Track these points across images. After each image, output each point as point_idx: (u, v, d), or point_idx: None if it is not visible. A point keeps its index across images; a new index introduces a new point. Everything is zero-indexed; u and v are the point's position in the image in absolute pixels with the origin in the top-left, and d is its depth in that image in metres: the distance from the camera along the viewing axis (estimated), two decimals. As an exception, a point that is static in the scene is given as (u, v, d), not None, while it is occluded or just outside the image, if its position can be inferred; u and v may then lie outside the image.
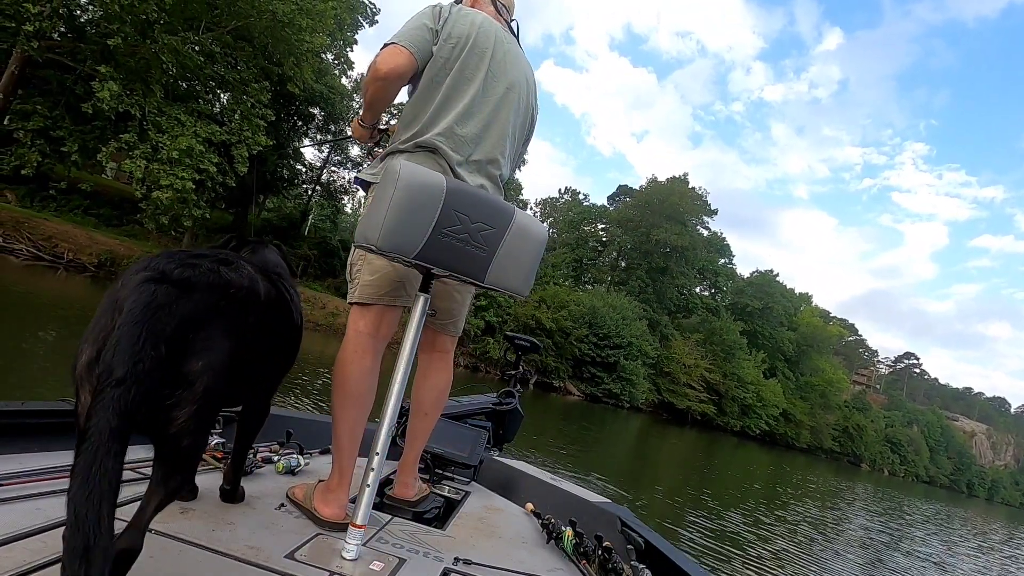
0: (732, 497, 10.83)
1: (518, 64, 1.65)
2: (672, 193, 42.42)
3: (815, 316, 60.79)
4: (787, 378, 49.76)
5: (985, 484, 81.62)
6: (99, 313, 0.83)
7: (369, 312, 1.51)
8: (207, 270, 0.91)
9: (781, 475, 20.70)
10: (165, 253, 0.91)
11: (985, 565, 11.84)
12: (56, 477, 1.23)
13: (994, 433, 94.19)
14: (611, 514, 1.86)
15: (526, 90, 1.68)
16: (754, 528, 8.05)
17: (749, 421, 42.91)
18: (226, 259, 0.99)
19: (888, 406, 72.26)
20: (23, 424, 1.39)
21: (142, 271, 0.86)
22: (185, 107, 16.94)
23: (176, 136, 15.85)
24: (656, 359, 36.55)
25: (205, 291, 0.88)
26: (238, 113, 18.16)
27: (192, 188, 16.11)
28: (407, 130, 1.55)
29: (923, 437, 72.45)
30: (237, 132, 17.57)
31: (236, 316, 0.94)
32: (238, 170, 17.89)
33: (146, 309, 0.80)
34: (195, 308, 0.86)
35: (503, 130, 1.61)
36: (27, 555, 0.92)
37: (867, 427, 60.30)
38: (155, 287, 0.83)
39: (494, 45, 1.58)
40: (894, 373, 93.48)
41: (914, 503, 25.43)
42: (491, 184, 1.63)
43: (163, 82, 16.19)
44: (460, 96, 1.53)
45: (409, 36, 1.50)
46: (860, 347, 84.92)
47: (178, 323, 0.83)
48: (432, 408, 1.71)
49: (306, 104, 28.82)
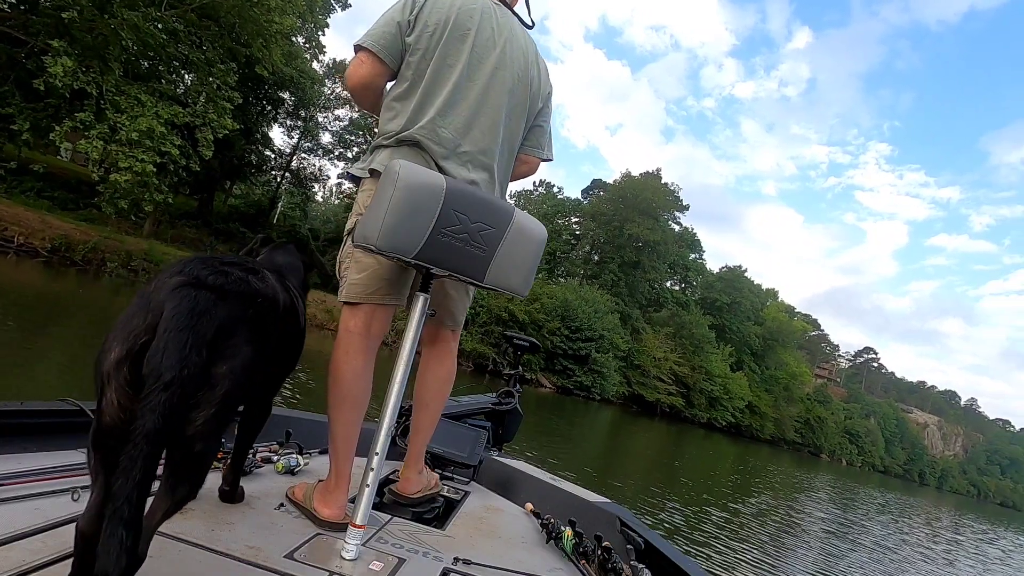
0: (701, 487, 11.02)
1: (511, 40, 1.53)
2: (645, 188, 42.81)
3: (781, 311, 62.64)
4: (753, 371, 51.03)
5: (936, 473, 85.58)
6: (130, 313, 0.84)
7: (359, 311, 1.47)
8: (238, 279, 0.94)
9: (747, 467, 21.22)
10: (197, 258, 0.94)
11: (933, 551, 12.35)
12: (56, 477, 1.23)
13: (945, 425, 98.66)
14: (611, 514, 1.87)
15: (523, 65, 1.55)
16: (723, 519, 8.19)
17: (716, 413, 43.88)
18: (253, 268, 1.03)
19: (848, 399, 74.96)
20: (23, 424, 1.40)
21: (177, 275, 0.88)
22: (146, 87, 16.23)
23: (136, 117, 15.17)
24: (627, 352, 36.97)
25: (236, 300, 0.91)
26: (203, 95, 17.51)
27: (153, 172, 15.48)
28: (389, 124, 1.48)
29: (879, 429, 75.60)
30: (202, 115, 16.93)
31: (259, 325, 0.97)
32: (202, 154, 17.24)
33: (191, 315, 0.83)
34: (227, 315, 0.88)
35: (494, 116, 1.51)
36: (27, 555, 0.92)
37: (828, 419, 62.45)
38: (195, 292, 0.85)
39: (479, 23, 1.48)
40: (854, 367, 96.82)
41: (870, 493, 26.40)
42: (485, 176, 1.54)
43: (122, 60, 15.45)
44: (442, 85, 1.45)
45: (375, 36, 1.45)
46: (823, 342, 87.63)
47: (216, 329, 0.85)
48: (433, 399, 1.68)
49: (275, 88, 27.98)
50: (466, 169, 1.49)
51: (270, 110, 31.07)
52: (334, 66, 34.49)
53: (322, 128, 35.85)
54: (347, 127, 35.82)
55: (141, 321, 0.82)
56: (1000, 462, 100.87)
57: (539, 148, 1.73)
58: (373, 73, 1.47)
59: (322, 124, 35.78)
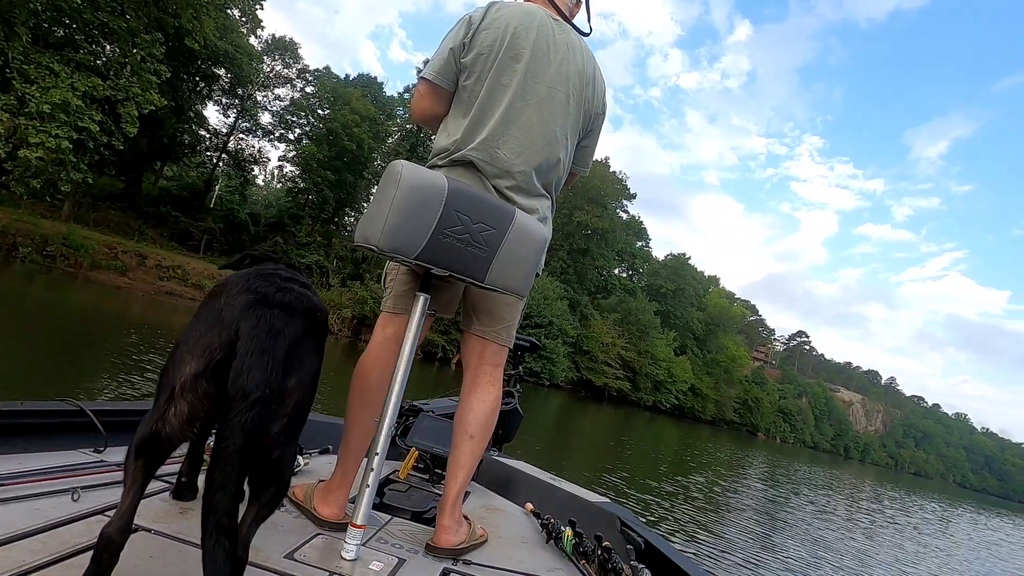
0: (648, 467, 11.33)
1: (568, 57, 1.53)
2: (594, 176, 43.31)
3: (722, 297, 65.43)
4: (696, 355, 53.12)
5: (859, 448, 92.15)
6: (201, 328, 0.89)
7: (401, 321, 1.48)
8: (300, 295, 0.99)
9: (688, 447, 22.04)
10: (257, 273, 0.99)
11: (856, 518, 13.23)
12: (56, 477, 1.22)
13: (867, 402, 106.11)
14: (611, 514, 1.88)
15: (578, 83, 1.54)
16: (669, 492, 8.43)
17: (661, 396, 45.46)
18: (305, 282, 1.07)
19: (782, 380, 79.25)
20: (23, 424, 1.40)
21: (245, 292, 0.92)
22: (60, 56, 14.92)
23: (48, 88, 13.96)
24: (576, 338, 37.59)
25: (301, 316, 0.96)
26: (128, 67, 16.25)
27: (70, 148, 14.32)
28: (442, 143, 1.51)
29: (810, 408, 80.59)
30: (125, 88, 15.74)
31: (319, 336, 1.03)
32: (127, 131, 16.07)
33: (269, 335, 0.88)
34: (297, 332, 0.94)
35: (547, 135, 1.51)
36: (27, 555, 0.92)
37: (764, 399, 66.04)
38: (269, 312, 0.91)
39: (534, 42, 1.49)
40: (788, 350, 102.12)
41: (801, 467, 28.04)
42: (539, 198, 1.55)
43: (30, 24, 14.12)
44: (496, 106, 1.47)
45: (434, 67, 1.50)
46: (760, 326, 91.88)
47: (289, 346, 0.91)
48: (479, 429, 1.51)
49: (209, 63, 26.45)
50: (518, 194, 1.49)
51: (203, 87, 29.37)
52: (273, 42, 32.89)
53: (261, 108, 34.19)
54: (288, 107, 34.31)
55: (216, 338, 0.87)
56: (915, 435, 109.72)
57: (583, 166, 1.75)
58: (433, 104, 1.53)
59: (261, 103, 34.13)
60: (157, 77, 16.61)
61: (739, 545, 6.76)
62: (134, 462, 0.87)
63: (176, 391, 0.85)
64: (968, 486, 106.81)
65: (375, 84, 39.93)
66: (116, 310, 14.62)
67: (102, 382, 5.90)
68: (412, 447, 2.08)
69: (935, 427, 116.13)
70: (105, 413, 1.54)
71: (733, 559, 6.02)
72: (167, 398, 0.86)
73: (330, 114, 33.15)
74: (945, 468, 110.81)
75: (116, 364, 6.82)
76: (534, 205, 1.52)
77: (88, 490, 1.18)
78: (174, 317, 16.90)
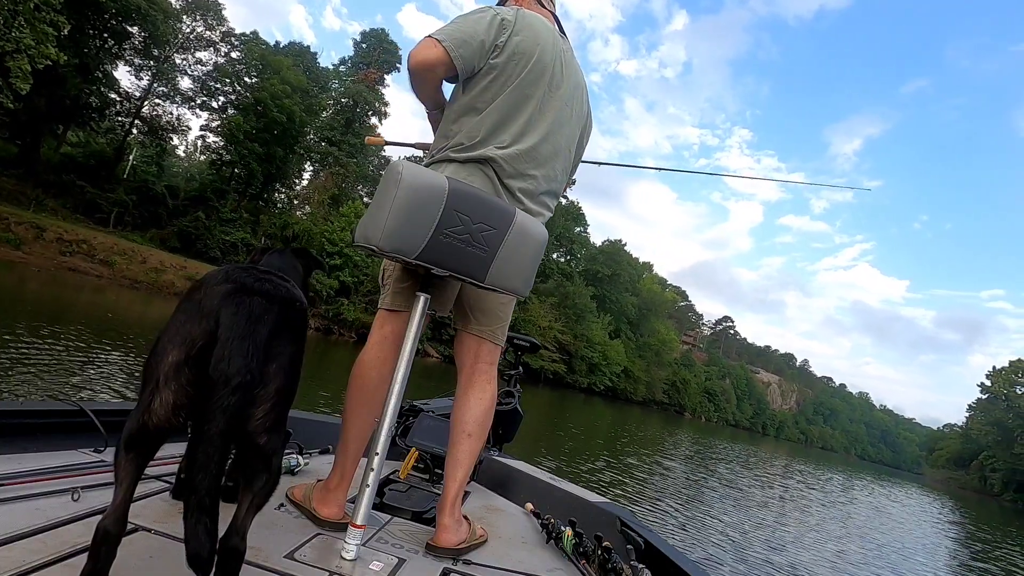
0: (582, 446, 11.57)
1: (574, 72, 1.63)
2: (534, 160, 43.52)
3: (655, 283, 67.94)
4: (629, 339, 55.04)
5: (775, 425, 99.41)
6: (182, 319, 0.90)
7: (397, 318, 1.49)
8: (279, 285, 1.01)
9: (621, 427, 22.77)
10: (235, 266, 1.01)
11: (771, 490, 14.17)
12: (56, 477, 1.23)
13: (784, 383, 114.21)
14: (611, 514, 1.89)
15: (581, 98, 1.67)
16: (601, 466, 8.62)
17: (595, 378, 46.86)
18: (284, 276, 1.09)
19: (708, 362, 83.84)
20: (23, 424, 1.41)
21: (224, 282, 0.93)
22: (-67, -3, 13.11)
23: (-81, 33, 12.23)
24: (514, 321, 37.65)
25: (281, 304, 0.97)
26: (20, 17, 14.49)
27: (-53, 104, 12.66)
28: (459, 137, 1.50)
29: (732, 388, 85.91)
30: (15, 40, 14.04)
31: (299, 326, 1.03)
32: (17, 88, 14.41)
33: (249, 321, 0.89)
34: (276, 319, 0.94)
35: (558, 148, 1.60)
36: (27, 555, 0.92)
37: (691, 381, 69.78)
38: (248, 300, 0.91)
39: (554, 59, 1.56)
40: (714, 334, 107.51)
41: (722, 443, 29.71)
42: (543, 206, 1.60)
43: None
44: (520, 113, 1.52)
45: (453, 37, 1.44)
46: (689, 311, 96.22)
47: (268, 332, 0.92)
48: (477, 428, 1.53)
49: (119, 19, 24.16)
50: (527, 198, 1.53)
51: (112, 44, 26.85)
52: (193, 1, 30.42)
53: (180, 72, 31.68)
54: (211, 73, 31.99)
55: (197, 327, 0.88)
56: (824, 412, 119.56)
57: (572, 175, 1.81)
58: (439, 62, 1.45)
59: (180, 67, 31.61)
60: (55, 29, 14.91)
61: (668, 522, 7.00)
62: (124, 456, 0.87)
63: (160, 381, 0.86)
64: (867, 458, 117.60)
65: (308, 53, 38.00)
66: (10, 287, 13.25)
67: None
68: (412, 447, 2.08)
69: (841, 405, 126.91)
70: (105, 413, 1.54)
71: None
72: (151, 389, 0.86)
73: (258, 83, 31.25)
74: (848, 442, 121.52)
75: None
76: (539, 211, 1.58)
77: (88, 490, 1.19)
78: (80, 296, 15.51)
